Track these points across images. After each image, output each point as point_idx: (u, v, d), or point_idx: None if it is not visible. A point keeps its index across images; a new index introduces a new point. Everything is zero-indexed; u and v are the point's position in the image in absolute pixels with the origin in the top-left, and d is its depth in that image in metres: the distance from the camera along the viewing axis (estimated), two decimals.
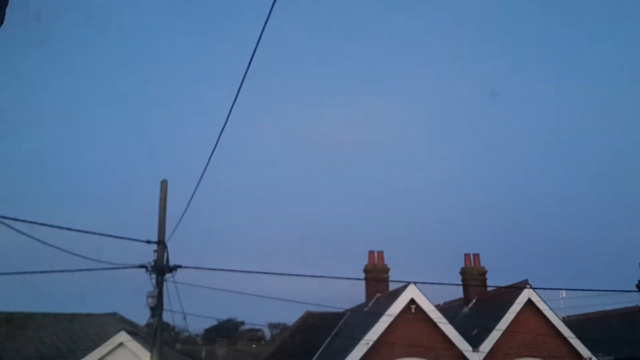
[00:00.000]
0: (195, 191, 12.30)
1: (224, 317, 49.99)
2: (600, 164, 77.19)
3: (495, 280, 26.08)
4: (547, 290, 22.19)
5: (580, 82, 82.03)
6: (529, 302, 18.43)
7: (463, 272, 22.06)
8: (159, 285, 11.82)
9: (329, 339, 20.43)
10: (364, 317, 19.59)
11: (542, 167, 79.38)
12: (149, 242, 11.89)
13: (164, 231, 12.31)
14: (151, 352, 12.18)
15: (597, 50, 77.14)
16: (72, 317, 18.90)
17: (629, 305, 24.12)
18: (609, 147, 78.54)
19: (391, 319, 17.20)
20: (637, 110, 74.71)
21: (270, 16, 5.75)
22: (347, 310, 22.72)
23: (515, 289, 18.64)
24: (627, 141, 73.93)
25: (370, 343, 16.72)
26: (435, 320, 17.60)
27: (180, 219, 12.68)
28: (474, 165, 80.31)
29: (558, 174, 78.31)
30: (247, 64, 6.93)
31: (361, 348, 16.62)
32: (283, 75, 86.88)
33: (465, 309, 21.74)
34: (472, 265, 22.00)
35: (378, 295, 21.45)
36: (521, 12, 76.34)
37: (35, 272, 11.31)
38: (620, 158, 74.23)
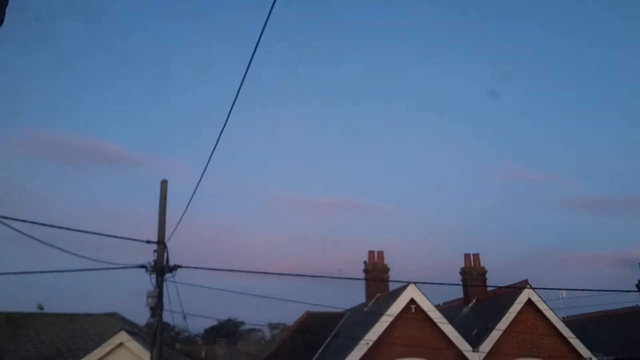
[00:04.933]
0: (195, 191, 12.32)
1: (224, 317, 49.81)
2: (600, 163, 77.23)
3: (495, 280, 26.12)
4: (547, 290, 22.25)
5: (580, 79, 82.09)
6: (529, 302, 18.43)
7: (463, 272, 22.05)
8: (159, 285, 11.83)
9: (329, 339, 20.42)
10: (364, 317, 19.58)
11: (541, 166, 79.44)
12: (149, 242, 11.90)
13: (164, 231, 12.32)
14: (151, 352, 12.18)
15: (597, 52, 77.16)
16: (72, 317, 18.88)
17: (629, 305, 24.15)
18: (609, 146, 78.55)
19: (391, 319, 17.20)
20: (637, 110, 74.75)
21: (270, 16, 5.75)
22: (347, 310, 22.71)
23: (515, 289, 18.63)
24: (627, 141, 74.00)
25: (370, 343, 16.71)
26: (435, 320, 17.59)
27: (181, 219, 12.70)
28: (474, 165, 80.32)
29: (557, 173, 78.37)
30: (247, 64, 6.95)
31: (361, 348, 16.62)
32: (283, 73, 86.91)
33: (465, 309, 21.74)
34: (472, 265, 21.99)
35: (378, 295, 21.44)
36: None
37: (35, 272, 11.34)
38: (620, 157, 74.28)
